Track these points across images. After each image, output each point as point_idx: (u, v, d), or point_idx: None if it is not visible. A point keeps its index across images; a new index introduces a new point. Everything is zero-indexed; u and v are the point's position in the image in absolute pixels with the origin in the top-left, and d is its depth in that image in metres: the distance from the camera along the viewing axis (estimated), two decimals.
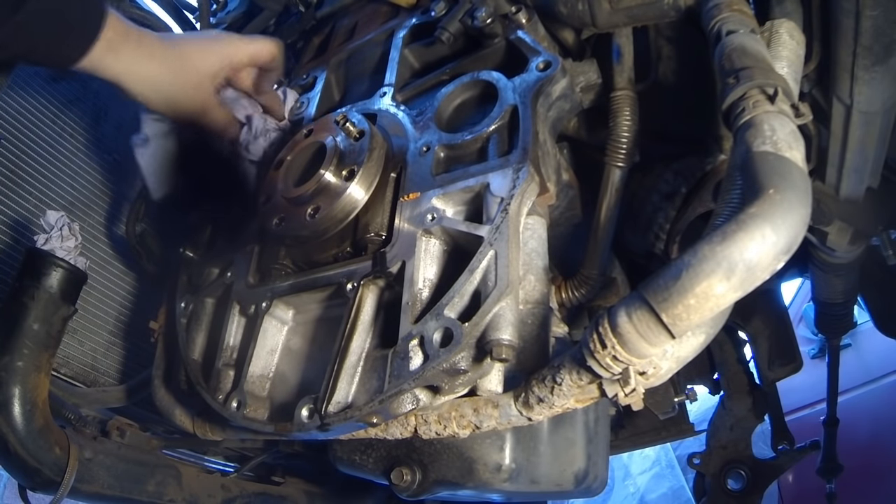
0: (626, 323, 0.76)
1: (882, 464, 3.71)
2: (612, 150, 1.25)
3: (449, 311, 0.95)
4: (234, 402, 1.18)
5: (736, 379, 2.34)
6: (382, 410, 0.98)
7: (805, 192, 0.73)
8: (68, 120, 1.85)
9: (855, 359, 4.14)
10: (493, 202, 1.02)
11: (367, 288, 1.10)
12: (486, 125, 1.14)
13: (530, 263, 1.06)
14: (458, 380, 0.97)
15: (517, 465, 1.21)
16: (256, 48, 1.37)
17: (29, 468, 1.26)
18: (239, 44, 1.35)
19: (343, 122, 1.23)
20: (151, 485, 1.47)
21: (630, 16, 1.21)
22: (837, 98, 1.24)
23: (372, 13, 1.71)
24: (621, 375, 0.81)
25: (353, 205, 1.21)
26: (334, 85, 1.65)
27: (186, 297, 1.45)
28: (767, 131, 0.78)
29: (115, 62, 1.14)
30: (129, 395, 1.78)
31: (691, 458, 2.44)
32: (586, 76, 1.30)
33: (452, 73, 1.35)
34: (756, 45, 0.94)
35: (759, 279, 0.71)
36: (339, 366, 1.04)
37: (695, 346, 0.85)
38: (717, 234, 0.71)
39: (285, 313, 1.28)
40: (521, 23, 1.27)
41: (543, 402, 0.92)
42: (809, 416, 3.93)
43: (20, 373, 1.27)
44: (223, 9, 2.10)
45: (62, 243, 1.35)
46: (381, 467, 1.30)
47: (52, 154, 1.80)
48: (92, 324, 1.83)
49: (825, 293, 2.21)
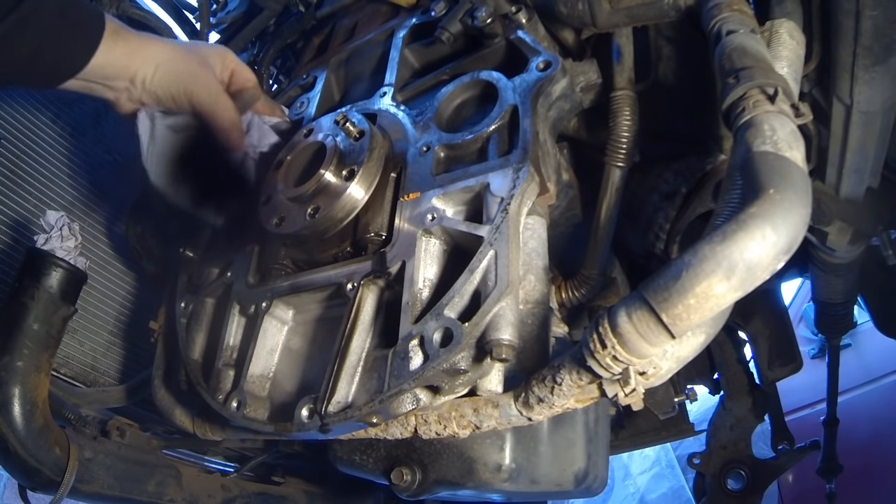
0: (626, 323, 0.76)
1: (882, 464, 3.71)
2: (612, 150, 1.25)
3: (449, 311, 0.95)
4: (234, 402, 1.18)
5: (736, 379, 2.34)
6: (382, 410, 0.98)
7: (805, 192, 0.73)
8: (68, 120, 1.85)
9: (855, 359, 4.14)
10: (493, 202, 1.02)
11: (367, 288, 1.10)
12: (487, 125, 1.14)
13: (530, 263, 1.06)
14: (458, 380, 0.97)
15: (517, 465, 1.21)
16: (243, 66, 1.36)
17: (29, 468, 1.26)
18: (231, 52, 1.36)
19: (343, 122, 1.24)
20: (151, 485, 1.47)
21: (630, 16, 1.21)
22: (837, 98, 1.24)
23: (372, 13, 1.72)
24: (621, 375, 0.81)
25: (353, 205, 1.21)
26: (334, 85, 1.65)
27: (186, 297, 1.45)
28: (767, 131, 0.78)
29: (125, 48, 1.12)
30: (129, 395, 1.78)
31: (691, 458, 2.44)
32: (586, 76, 1.30)
33: (452, 73, 1.35)
34: (756, 45, 0.94)
35: (759, 279, 0.71)
36: (339, 366, 1.04)
37: (695, 346, 0.85)
38: (717, 234, 0.71)
39: (285, 313, 1.28)
40: (521, 23, 1.27)
41: (543, 402, 0.92)
42: (809, 416, 3.93)
43: (20, 373, 1.27)
44: (223, 9, 2.10)
45: (62, 243, 1.35)
46: (381, 467, 1.30)
47: (52, 154, 1.80)
48: (92, 324, 1.83)
49: (825, 293, 2.21)
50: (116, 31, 1.11)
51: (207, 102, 1.23)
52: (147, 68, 1.17)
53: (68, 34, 1.06)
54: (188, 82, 1.21)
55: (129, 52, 1.14)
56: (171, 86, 1.20)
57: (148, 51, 1.17)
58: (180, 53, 1.22)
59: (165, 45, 1.20)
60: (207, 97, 1.23)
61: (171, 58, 1.20)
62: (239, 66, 1.36)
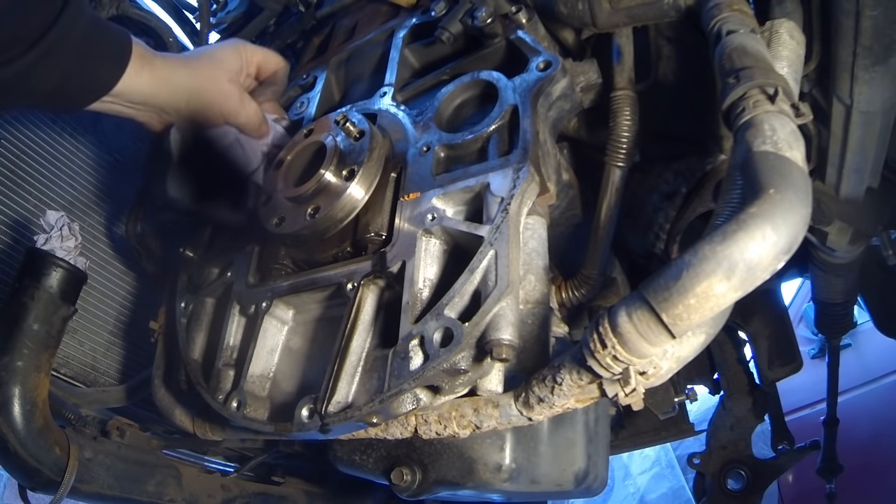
0: (626, 323, 0.76)
1: (882, 464, 3.71)
2: (612, 149, 1.25)
3: (449, 311, 0.95)
4: (234, 402, 1.18)
5: (736, 379, 2.34)
6: (382, 410, 0.98)
7: (805, 192, 0.73)
8: (68, 120, 1.85)
9: (855, 359, 4.14)
10: (493, 202, 1.02)
11: (367, 288, 1.10)
12: (487, 125, 1.14)
13: (530, 263, 1.06)
14: (458, 380, 0.97)
15: (517, 465, 1.21)
16: (266, 52, 1.38)
17: (29, 468, 1.26)
18: (249, 44, 1.36)
19: (343, 121, 1.23)
20: (151, 485, 1.47)
21: (630, 16, 1.21)
22: (837, 98, 1.24)
23: (372, 13, 1.71)
24: (621, 375, 0.81)
25: (353, 205, 1.21)
26: (334, 85, 1.65)
27: (186, 297, 1.45)
28: (768, 131, 0.78)
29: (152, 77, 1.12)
30: (129, 395, 1.78)
31: (691, 458, 2.44)
32: (586, 76, 1.30)
33: (452, 72, 1.35)
34: (756, 44, 0.94)
35: (759, 279, 0.71)
36: (339, 366, 1.04)
37: (695, 346, 0.85)
38: (717, 234, 0.71)
39: (285, 313, 1.28)
40: (522, 23, 1.27)
41: (544, 402, 0.92)
42: (809, 416, 3.93)
43: (20, 373, 1.27)
44: (223, 9, 2.10)
45: (62, 243, 1.35)
46: (382, 467, 1.30)
47: (52, 154, 1.80)
48: (92, 324, 1.83)
49: (825, 293, 2.21)
50: (143, 56, 1.11)
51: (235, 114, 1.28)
52: (177, 100, 1.19)
53: (94, 60, 1.05)
54: (219, 103, 1.24)
55: (155, 82, 1.14)
56: (203, 112, 1.24)
57: (175, 81, 1.17)
58: (207, 75, 1.23)
59: (190, 69, 1.20)
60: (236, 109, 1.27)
61: (200, 85, 1.21)
62: (263, 55, 1.37)
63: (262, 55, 1.37)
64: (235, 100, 1.27)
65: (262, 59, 1.37)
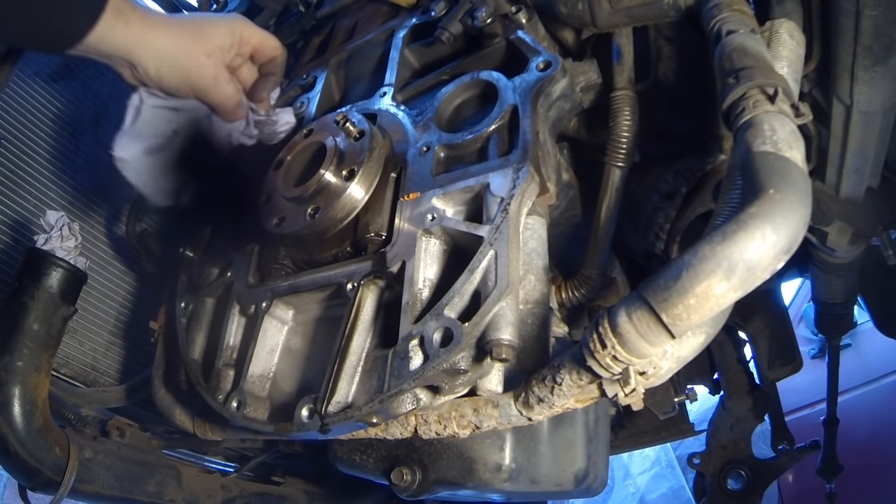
0: (626, 323, 0.76)
1: (882, 464, 3.71)
2: (612, 150, 1.25)
3: (449, 311, 0.95)
4: (234, 402, 1.18)
5: (736, 379, 2.34)
6: (382, 410, 0.98)
7: (805, 192, 0.73)
8: (68, 120, 1.85)
9: (855, 359, 4.14)
10: (493, 202, 1.02)
11: (367, 288, 1.10)
12: (487, 125, 1.14)
13: (530, 263, 1.06)
14: (458, 380, 0.97)
15: (517, 465, 1.21)
16: (265, 35, 1.34)
17: (29, 468, 1.26)
18: (249, 24, 1.32)
19: (343, 122, 1.23)
20: (151, 485, 1.47)
21: (630, 16, 1.21)
22: (837, 98, 1.24)
23: (372, 13, 1.71)
24: (621, 375, 0.81)
25: (353, 205, 1.21)
26: (334, 85, 1.64)
27: (186, 297, 1.45)
28: (767, 131, 0.78)
29: (126, 32, 1.08)
30: (129, 395, 1.78)
31: (691, 458, 2.44)
32: (586, 76, 1.30)
33: (452, 73, 1.35)
34: (756, 44, 0.94)
35: (759, 279, 0.71)
36: (339, 366, 1.04)
37: (695, 346, 0.85)
38: (717, 234, 0.71)
39: (285, 313, 1.28)
40: (521, 23, 1.27)
41: (543, 402, 0.92)
42: (809, 416, 3.93)
43: (20, 373, 1.27)
44: (223, 8, 2.10)
45: (62, 243, 1.35)
46: (381, 467, 1.30)
47: (52, 154, 1.80)
48: (92, 324, 1.83)
49: (825, 293, 2.21)
50: (119, 9, 1.07)
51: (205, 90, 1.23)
52: (149, 61, 1.14)
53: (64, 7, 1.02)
54: (192, 75, 1.19)
55: (129, 37, 1.10)
56: (174, 80, 1.19)
57: (150, 39, 1.13)
58: (185, 44, 1.18)
59: (169, 33, 1.16)
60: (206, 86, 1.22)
61: (175, 51, 1.16)
62: (261, 37, 1.33)
63: (260, 37, 1.32)
64: (209, 76, 1.21)
65: (260, 41, 1.32)
